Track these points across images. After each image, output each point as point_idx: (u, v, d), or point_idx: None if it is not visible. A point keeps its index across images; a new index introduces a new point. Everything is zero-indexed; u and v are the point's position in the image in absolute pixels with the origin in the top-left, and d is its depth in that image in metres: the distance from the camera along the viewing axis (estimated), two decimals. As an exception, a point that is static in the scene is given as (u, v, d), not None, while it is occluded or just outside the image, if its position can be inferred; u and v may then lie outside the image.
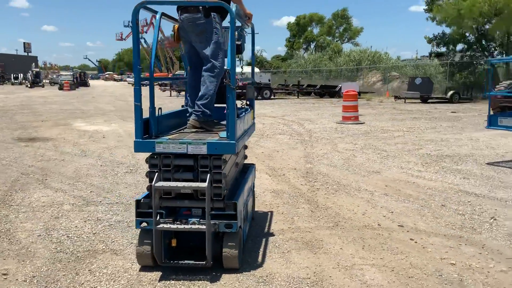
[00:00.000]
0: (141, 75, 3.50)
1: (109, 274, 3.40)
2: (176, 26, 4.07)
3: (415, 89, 23.85)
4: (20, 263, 3.58)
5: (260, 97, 27.02)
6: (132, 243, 4.02)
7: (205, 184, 3.21)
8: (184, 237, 3.54)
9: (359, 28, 63.76)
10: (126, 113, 17.48)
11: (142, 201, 3.40)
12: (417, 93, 23.52)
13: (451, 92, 24.10)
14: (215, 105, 4.06)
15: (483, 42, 29.90)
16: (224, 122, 4.11)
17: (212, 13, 3.78)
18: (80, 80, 51.48)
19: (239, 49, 4.20)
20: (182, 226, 3.26)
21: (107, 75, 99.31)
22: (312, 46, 64.96)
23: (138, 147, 3.33)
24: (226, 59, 3.97)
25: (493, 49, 30.20)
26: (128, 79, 68.61)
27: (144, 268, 3.47)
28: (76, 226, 4.46)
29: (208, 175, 3.26)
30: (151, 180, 3.34)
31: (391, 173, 6.81)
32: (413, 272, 3.42)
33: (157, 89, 43.77)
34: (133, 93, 3.34)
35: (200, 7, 3.75)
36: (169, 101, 25.68)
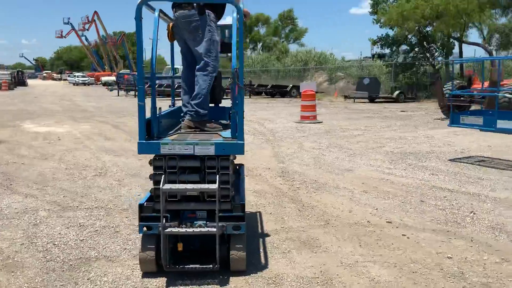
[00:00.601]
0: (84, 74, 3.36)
1: (111, 282, 3.25)
2: (171, 24, 3.96)
3: (363, 89, 24.56)
4: (10, 275, 3.34)
5: (212, 97, 26.82)
6: (125, 249, 3.86)
7: (215, 186, 3.14)
8: (184, 240, 3.43)
9: (304, 29, 64.94)
10: (76, 114, 16.81)
11: (145, 205, 3.27)
12: (366, 93, 24.23)
13: (397, 92, 25.04)
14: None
15: (425, 44, 31.28)
16: (225, 122, 4.05)
17: (206, 11, 3.71)
18: (18, 79, 48.86)
19: (230, 48, 4.13)
20: (191, 230, 3.17)
21: (45, 74, 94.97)
22: (259, 46, 65.46)
23: (142, 149, 3.19)
24: (219, 58, 3.92)
25: (434, 50, 31.64)
26: (69, 78, 65.83)
27: (146, 275, 3.34)
28: (59, 233, 4.22)
29: (217, 176, 3.19)
30: (156, 183, 3.22)
31: (363, 171, 6.96)
32: (415, 267, 3.51)
33: (103, 89, 42.47)
34: (137, 93, 3.20)
35: (195, 4, 3.67)
36: (119, 101, 24.98)
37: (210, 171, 3.24)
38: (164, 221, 3.16)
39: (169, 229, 3.16)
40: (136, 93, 28.99)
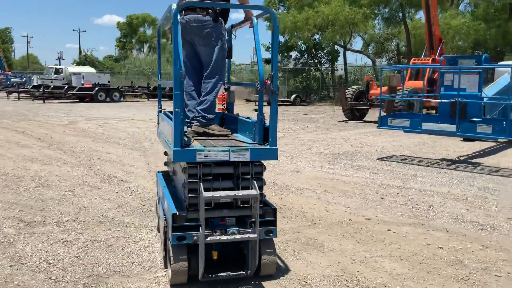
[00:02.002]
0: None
1: (144, 298, 3.08)
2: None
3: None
4: (26, 301, 2.99)
5: (109, 99, 25.64)
6: (133, 263, 3.65)
7: (255, 192, 3.14)
8: (218, 249, 3.36)
9: (192, 31, 64.70)
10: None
11: (178, 214, 3.15)
12: (265, 96, 24.94)
13: (294, 95, 26.28)
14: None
15: (313, 51, 33.23)
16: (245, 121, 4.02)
17: (220, 18, 3.69)
18: None
19: (230, 54, 4.14)
20: (232, 237, 3.13)
21: None
22: (145, 47, 63.88)
23: (178, 157, 3.07)
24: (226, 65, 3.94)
25: (321, 57, 33.76)
26: None
27: (175, 287, 3.22)
28: (46, 251, 3.84)
29: (254, 182, 3.20)
30: (191, 191, 3.12)
31: (310, 172, 7.30)
32: (418, 258, 3.85)
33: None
34: (173, 99, 3.07)
35: (210, 10, 3.63)
36: (1, 104, 22.71)
37: (244, 177, 3.23)
38: (201, 229, 3.08)
39: (210, 238, 3.09)
40: (9, 94, 26.77)
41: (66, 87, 26.00)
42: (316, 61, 33.77)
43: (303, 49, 33.68)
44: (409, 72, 16.32)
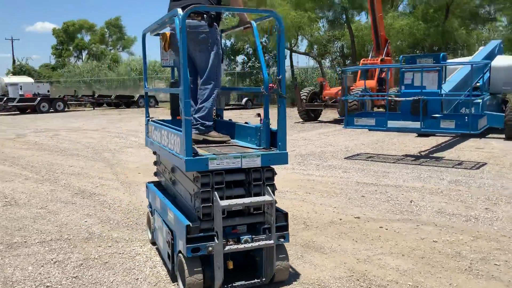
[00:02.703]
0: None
1: (161, 315, 2.95)
2: (167, 33, 3.73)
3: (214, 97, 25.12)
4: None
5: (53, 110, 24.55)
6: (137, 279, 3.50)
7: (270, 198, 3.10)
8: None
9: (133, 37, 63.26)
10: None
11: (192, 225, 3.04)
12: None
13: (245, 99, 26.31)
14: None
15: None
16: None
17: (214, 23, 3.62)
18: None
19: (222, 58, 4.07)
20: (249, 245, 3.06)
21: None
22: (84, 55, 61.80)
23: (190, 166, 2.96)
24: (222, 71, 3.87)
25: (269, 59, 34.10)
26: None
27: (190, 301, 3.11)
28: (40, 273, 3.59)
29: (268, 187, 3.15)
30: (205, 201, 3.03)
31: (286, 174, 7.31)
32: (418, 253, 3.94)
33: None
34: (183, 106, 2.96)
35: (205, 15, 3.55)
36: None
37: (256, 183, 3.18)
38: (219, 239, 3.00)
39: (227, 247, 3.01)
40: None
41: (4, 98, 24.62)
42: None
43: (250, 53, 33.88)
44: (359, 72, 16.79)
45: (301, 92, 16.58)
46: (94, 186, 6.69)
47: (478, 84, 10.77)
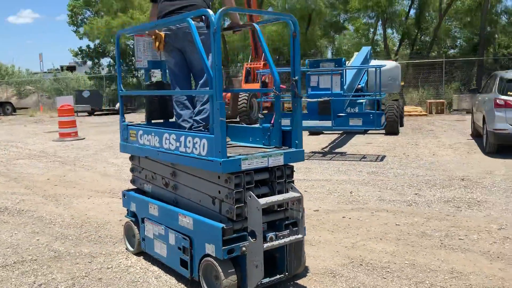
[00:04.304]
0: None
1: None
2: (162, 34, 3.60)
3: (84, 102, 23.68)
4: None
5: None
6: (149, 291, 3.32)
7: (298, 194, 3.21)
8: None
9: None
10: None
11: (225, 227, 3.01)
12: (88, 105, 23.50)
13: (118, 103, 25.25)
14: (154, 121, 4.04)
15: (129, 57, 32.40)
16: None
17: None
18: None
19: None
20: (284, 240, 3.14)
21: None
22: None
23: (227, 167, 2.94)
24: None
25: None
26: None
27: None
28: (33, 300, 3.19)
29: (292, 184, 3.27)
30: (238, 201, 3.03)
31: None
32: (393, 236, 4.34)
33: None
34: (218, 107, 2.91)
35: (203, 17, 3.53)
36: None
37: (279, 181, 3.27)
38: (259, 238, 3.02)
39: (266, 245, 3.04)
40: None
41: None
42: (132, 67, 32.99)
43: (113, 56, 32.54)
44: (244, 75, 17.35)
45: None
46: (14, 202, 5.96)
47: (359, 86, 12.02)
